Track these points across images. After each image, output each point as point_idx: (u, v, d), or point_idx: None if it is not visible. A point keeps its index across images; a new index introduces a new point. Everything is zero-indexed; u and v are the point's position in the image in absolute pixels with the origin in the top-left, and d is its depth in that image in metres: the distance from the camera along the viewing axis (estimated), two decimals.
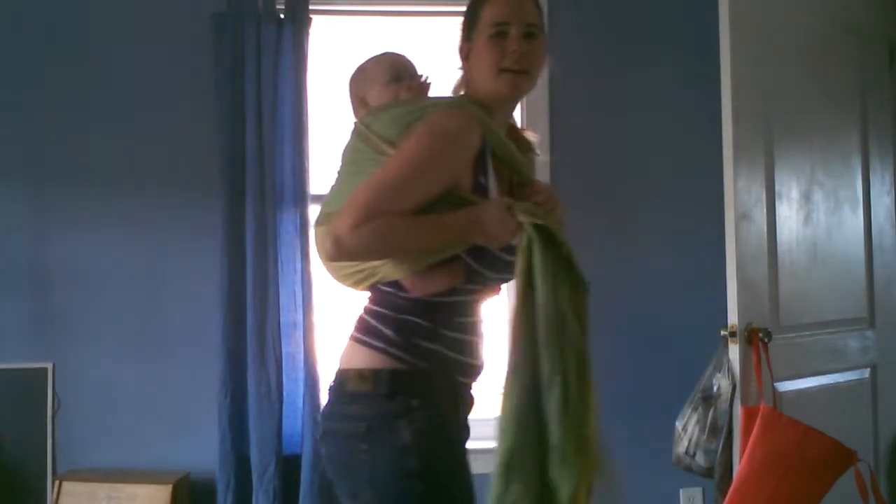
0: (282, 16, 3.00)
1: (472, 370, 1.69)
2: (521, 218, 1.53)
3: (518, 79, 1.62)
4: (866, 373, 2.88)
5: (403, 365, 1.58)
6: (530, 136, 1.78)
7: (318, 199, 3.02)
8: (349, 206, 1.52)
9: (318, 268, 2.98)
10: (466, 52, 1.68)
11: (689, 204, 3.17)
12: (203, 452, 2.93)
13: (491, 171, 1.62)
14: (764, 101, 2.61)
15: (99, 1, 3.04)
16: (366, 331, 1.63)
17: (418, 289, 1.60)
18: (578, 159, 3.14)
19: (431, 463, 1.55)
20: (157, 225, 3.03)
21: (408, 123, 1.61)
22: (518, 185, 1.68)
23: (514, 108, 1.76)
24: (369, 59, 1.86)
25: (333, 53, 3.17)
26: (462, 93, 1.72)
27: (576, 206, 2.67)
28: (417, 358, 1.59)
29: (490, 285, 1.69)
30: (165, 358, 3.01)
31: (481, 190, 1.60)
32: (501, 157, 1.64)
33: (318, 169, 3.01)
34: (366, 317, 1.66)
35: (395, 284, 1.62)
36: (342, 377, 1.63)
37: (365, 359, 1.61)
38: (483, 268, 1.61)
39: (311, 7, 2.99)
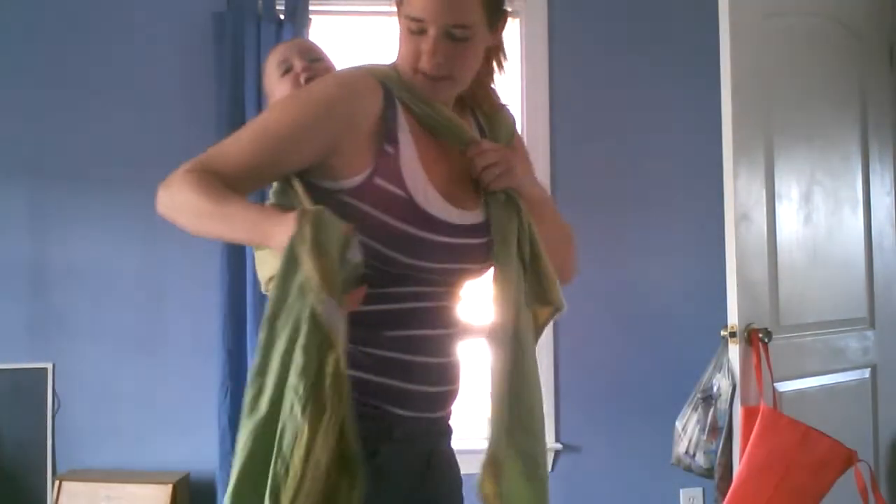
0: (282, 16, 3.00)
1: (419, 399, 1.35)
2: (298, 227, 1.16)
3: (437, 84, 1.35)
4: (866, 373, 2.88)
5: None
6: (498, 101, 1.51)
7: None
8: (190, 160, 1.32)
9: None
10: (398, 16, 1.38)
11: (689, 204, 3.17)
12: (203, 452, 2.93)
13: (406, 138, 1.34)
14: (764, 101, 2.61)
15: (99, 1, 3.04)
16: None
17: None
18: (579, 159, 3.14)
19: None
20: (157, 225, 2.98)
21: None
22: (462, 151, 1.40)
23: (446, 101, 1.42)
24: (270, 55, 1.75)
25: (333, 54, 3.17)
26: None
27: (576, 206, 2.68)
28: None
29: (429, 279, 1.35)
30: (165, 358, 3.01)
31: (387, 160, 1.31)
32: (424, 121, 1.37)
33: None
34: None
35: None
36: None
37: None
38: (396, 252, 1.30)
39: (310, 7, 2.99)
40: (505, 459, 1.29)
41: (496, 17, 1.37)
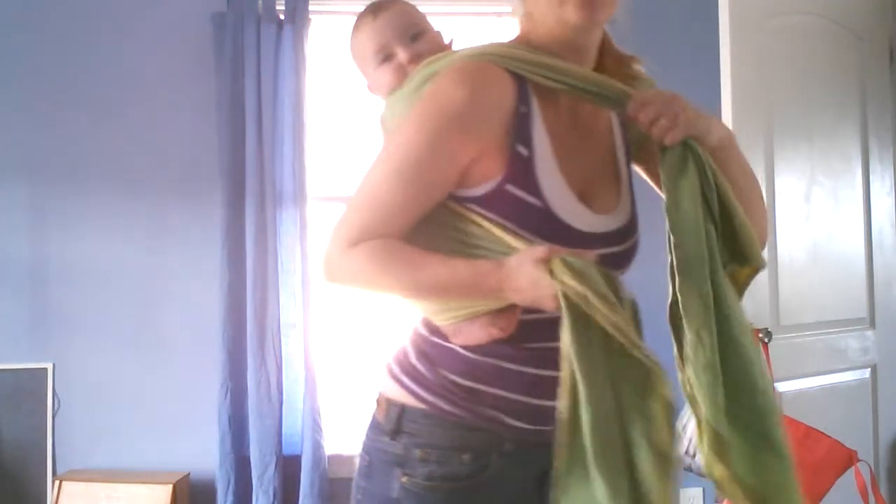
0: (282, 16, 3.00)
1: (540, 414, 1.24)
2: (559, 282, 1.09)
3: (594, 3, 1.21)
4: (866, 373, 2.88)
5: (418, 401, 1.23)
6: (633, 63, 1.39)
7: (317, 199, 3.03)
8: (339, 223, 1.22)
9: (317, 268, 2.98)
10: None
11: None
12: (203, 452, 2.93)
13: (540, 136, 1.22)
14: (764, 100, 2.60)
15: (99, 1, 3.04)
16: (396, 351, 1.33)
17: (457, 338, 1.24)
18: None
19: None
20: (156, 225, 3.03)
21: (417, 97, 1.24)
22: (619, 113, 1.28)
23: (590, 49, 1.30)
24: (356, 29, 1.45)
25: (333, 54, 3.17)
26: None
27: None
28: (442, 397, 1.22)
29: None
30: (165, 358, 3.01)
31: (521, 164, 1.19)
32: (565, 89, 1.23)
33: (317, 169, 3.01)
34: (407, 333, 1.34)
35: None
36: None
37: (385, 384, 1.31)
38: None
39: (310, 8, 2.99)
40: (727, 436, 1.17)
41: None
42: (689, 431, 2.58)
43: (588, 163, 1.27)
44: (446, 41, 1.44)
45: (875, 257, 2.91)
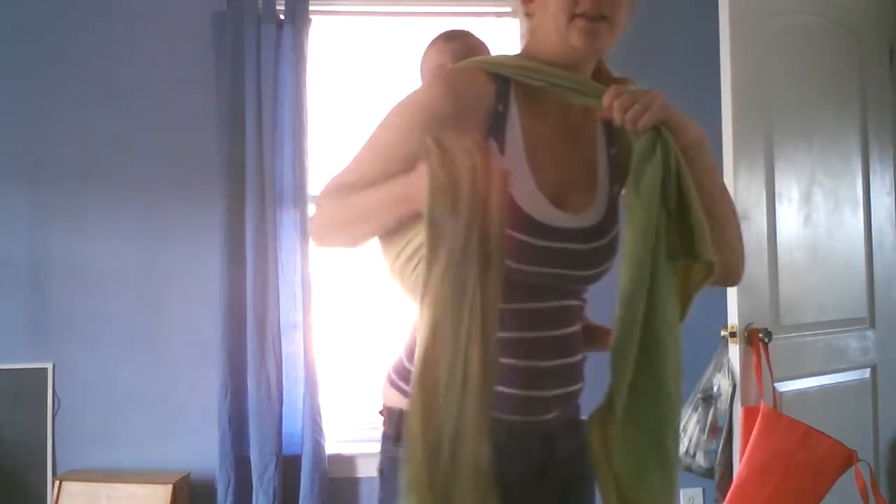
0: (282, 16, 3.00)
1: (531, 405, 1.30)
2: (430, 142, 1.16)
3: (595, 26, 1.27)
4: (866, 373, 2.88)
5: None
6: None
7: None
8: (328, 181, 1.34)
9: (317, 268, 2.99)
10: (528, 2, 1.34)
11: None
12: (203, 452, 2.93)
13: (514, 136, 1.30)
14: (764, 101, 2.61)
15: (99, 1, 3.04)
16: (394, 360, 1.39)
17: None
18: None
19: None
20: (156, 225, 3.03)
21: None
22: (597, 109, 1.31)
23: (586, 70, 1.37)
24: (429, 46, 1.71)
25: (333, 54, 3.18)
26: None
27: None
28: None
29: (541, 283, 1.30)
30: (165, 358, 3.01)
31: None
32: (543, 85, 1.31)
33: (317, 169, 3.01)
34: (403, 339, 1.39)
35: None
36: None
37: (387, 392, 1.37)
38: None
39: (311, 8, 2.99)
40: (619, 408, 1.20)
41: None
42: (689, 431, 2.59)
43: (564, 166, 1.34)
44: None
45: (875, 257, 2.91)
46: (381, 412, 1.38)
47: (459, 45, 1.68)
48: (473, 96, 1.29)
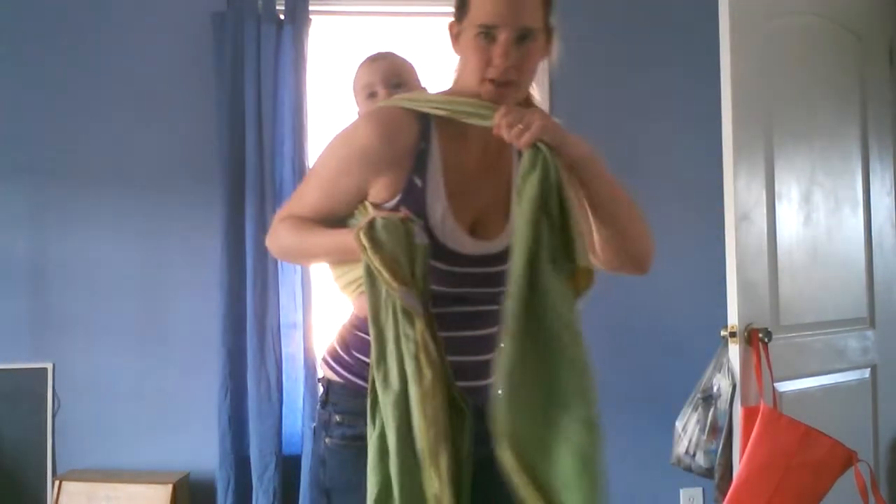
0: (282, 16, 3.00)
1: (474, 368, 1.49)
2: (362, 238, 1.37)
3: (504, 91, 1.43)
4: (866, 373, 2.88)
5: (338, 377, 1.54)
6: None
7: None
8: (282, 206, 1.60)
9: (317, 268, 2.99)
10: (456, 33, 1.49)
11: (689, 204, 3.17)
12: (203, 452, 2.93)
13: (435, 171, 1.45)
14: (764, 101, 2.60)
15: (99, 1, 3.04)
16: (329, 345, 1.63)
17: (357, 309, 1.56)
18: None
19: (336, 482, 1.51)
20: (157, 225, 3.03)
21: None
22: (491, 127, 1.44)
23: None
24: (359, 66, 1.85)
25: (333, 54, 3.18)
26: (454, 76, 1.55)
27: None
28: (354, 373, 1.51)
29: (451, 298, 1.48)
30: (165, 358, 3.01)
31: (414, 192, 1.44)
32: (446, 114, 1.45)
33: None
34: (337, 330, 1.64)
35: None
36: None
37: (322, 368, 1.62)
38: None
39: (310, 7, 2.99)
40: (515, 425, 1.31)
41: (550, 27, 1.50)
42: (689, 431, 2.59)
43: (483, 194, 1.50)
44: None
45: (875, 257, 2.91)
46: (319, 381, 1.63)
47: (385, 64, 1.81)
48: (401, 136, 1.45)
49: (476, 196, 1.49)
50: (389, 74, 1.79)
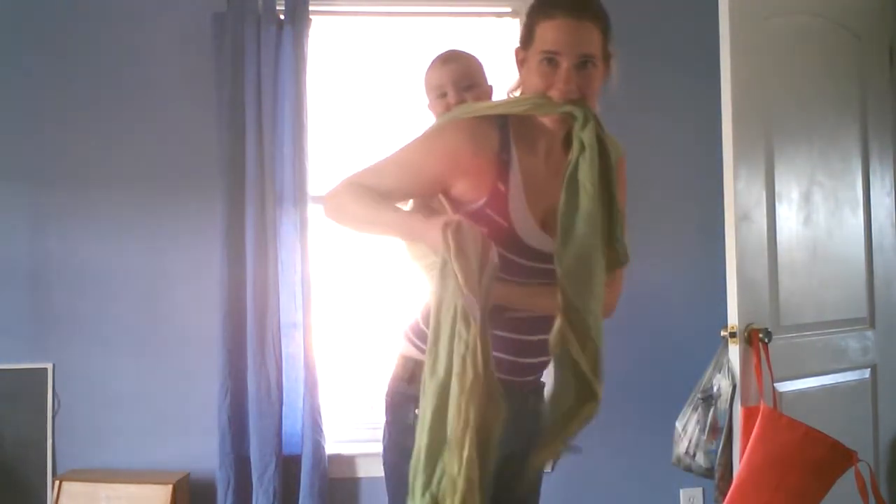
0: (282, 16, 3.00)
1: (511, 367, 1.68)
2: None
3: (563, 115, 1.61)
4: (866, 373, 2.88)
5: (422, 355, 1.59)
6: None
7: (318, 199, 3.03)
8: (355, 172, 1.64)
9: (317, 268, 2.99)
10: (521, 59, 1.66)
11: (689, 204, 3.17)
12: (203, 452, 2.93)
13: (516, 178, 1.61)
14: (764, 101, 2.61)
15: (99, 1, 3.04)
16: (411, 322, 1.74)
17: None
18: None
19: None
20: (157, 225, 3.03)
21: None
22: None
23: None
24: (430, 66, 1.88)
25: (333, 54, 3.18)
26: (517, 94, 1.71)
27: None
28: None
29: (526, 284, 1.66)
30: (165, 358, 3.01)
31: (498, 197, 1.60)
32: (530, 119, 1.63)
33: (317, 169, 3.01)
34: (419, 308, 1.74)
35: None
36: None
37: (403, 345, 1.74)
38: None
39: (311, 8, 2.99)
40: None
41: (608, 53, 1.69)
42: (689, 431, 2.59)
43: (550, 194, 1.63)
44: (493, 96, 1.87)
45: (875, 257, 2.91)
46: (397, 358, 1.75)
47: (456, 66, 1.85)
48: (487, 145, 1.61)
49: (545, 196, 1.63)
50: (460, 77, 1.84)
